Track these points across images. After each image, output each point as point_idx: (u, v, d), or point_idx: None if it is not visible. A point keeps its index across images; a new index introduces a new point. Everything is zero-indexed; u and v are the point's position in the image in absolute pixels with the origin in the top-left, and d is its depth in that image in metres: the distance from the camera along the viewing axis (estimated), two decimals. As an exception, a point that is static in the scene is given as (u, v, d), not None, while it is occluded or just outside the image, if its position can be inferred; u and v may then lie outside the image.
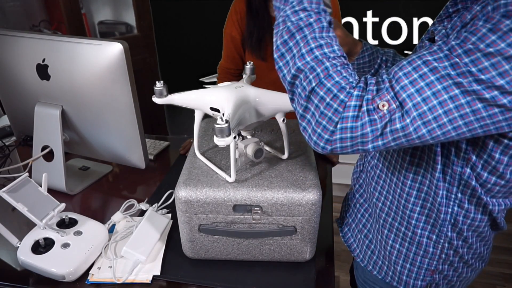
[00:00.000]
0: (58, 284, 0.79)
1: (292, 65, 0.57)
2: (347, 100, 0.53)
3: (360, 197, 0.86)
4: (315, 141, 0.56)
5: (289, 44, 0.58)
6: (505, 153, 0.58)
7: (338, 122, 0.53)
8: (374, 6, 2.24)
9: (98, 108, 0.98)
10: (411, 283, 0.78)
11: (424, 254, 0.75)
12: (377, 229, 0.81)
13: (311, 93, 0.55)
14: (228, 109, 0.73)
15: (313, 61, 0.55)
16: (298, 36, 0.57)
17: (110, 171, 1.21)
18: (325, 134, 0.54)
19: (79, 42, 0.91)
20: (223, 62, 1.43)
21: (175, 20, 2.64)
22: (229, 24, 1.36)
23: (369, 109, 0.52)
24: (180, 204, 0.75)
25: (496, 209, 0.67)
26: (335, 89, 0.53)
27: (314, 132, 0.56)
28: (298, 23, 0.57)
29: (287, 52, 0.58)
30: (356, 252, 0.87)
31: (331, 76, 0.54)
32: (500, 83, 0.47)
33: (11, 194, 0.79)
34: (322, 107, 0.54)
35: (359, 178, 0.87)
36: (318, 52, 0.55)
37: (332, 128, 0.54)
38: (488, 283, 1.91)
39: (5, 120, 1.41)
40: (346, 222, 0.91)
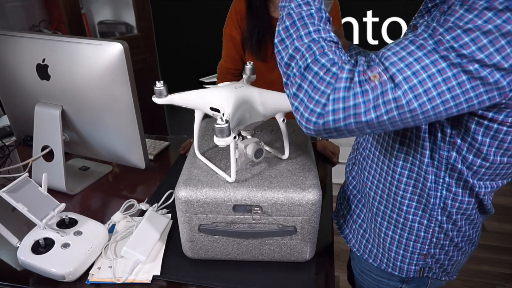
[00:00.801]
0: (58, 284, 0.79)
1: (290, 47, 0.60)
2: (339, 73, 0.55)
3: (353, 188, 0.89)
4: (307, 118, 0.57)
5: (290, 31, 0.61)
6: (487, 134, 0.62)
7: (330, 94, 0.54)
8: (374, 6, 2.24)
9: (98, 108, 0.98)
10: (405, 268, 0.81)
11: (416, 239, 0.77)
12: (370, 218, 0.83)
13: (305, 70, 0.57)
14: (228, 109, 0.73)
15: (310, 42, 0.58)
16: (299, 23, 0.60)
17: (110, 171, 1.21)
18: (317, 108, 0.55)
19: (79, 42, 0.91)
20: (223, 62, 1.43)
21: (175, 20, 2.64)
22: (229, 24, 1.36)
23: (361, 80, 0.53)
24: (180, 204, 0.75)
25: (482, 191, 0.70)
26: (329, 64, 0.56)
27: (306, 109, 0.57)
28: (300, 12, 0.61)
29: (287, 38, 0.61)
30: (352, 242, 0.90)
31: (325, 54, 0.57)
32: (480, 57, 0.50)
33: (11, 194, 0.79)
34: (316, 82, 0.56)
35: (352, 171, 0.90)
36: (316, 35, 0.59)
37: (325, 101, 0.55)
38: (488, 283, 1.91)
39: (5, 120, 1.41)
40: (342, 214, 0.94)
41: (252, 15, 1.30)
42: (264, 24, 1.29)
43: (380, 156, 0.77)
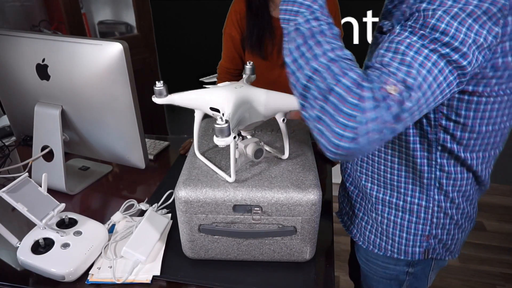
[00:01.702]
0: (58, 284, 0.79)
1: (306, 67, 0.57)
2: (362, 93, 0.52)
3: (350, 185, 0.92)
4: (336, 143, 0.53)
5: (302, 49, 0.58)
6: (469, 108, 0.66)
7: (358, 116, 0.51)
8: (374, 6, 2.24)
9: (98, 108, 0.98)
10: (410, 251, 0.84)
11: (417, 221, 0.81)
12: (370, 208, 0.86)
13: (328, 92, 0.54)
14: (228, 109, 0.73)
15: (329, 61, 0.55)
16: (311, 42, 0.58)
17: (110, 171, 1.21)
18: (346, 132, 0.52)
19: (79, 42, 0.91)
20: (223, 62, 1.43)
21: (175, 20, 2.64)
22: (229, 24, 1.36)
23: (384, 95, 0.52)
24: (180, 204, 0.75)
25: (474, 163, 0.73)
26: (351, 84, 0.53)
27: (332, 133, 0.53)
28: (311, 29, 0.59)
29: (300, 57, 0.58)
30: (357, 236, 0.93)
31: (346, 74, 0.54)
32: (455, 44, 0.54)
33: (11, 194, 0.79)
34: (340, 104, 0.52)
35: (347, 169, 0.93)
36: (332, 54, 0.56)
37: (354, 124, 0.51)
38: (488, 283, 1.91)
39: (5, 120, 1.41)
40: (345, 212, 0.98)
41: (252, 15, 1.30)
42: (264, 23, 1.29)
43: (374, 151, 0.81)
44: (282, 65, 1.32)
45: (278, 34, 1.30)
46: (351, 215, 0.95)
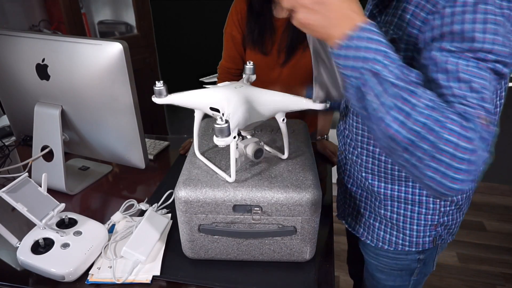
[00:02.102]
0: (57, 284, 0.79)
1: (408, 121, 0.53)
2: (468, 134, 0.51)
3: (352, 186, 0.93)
4: (450, 187, 0.53)
5: (398, 105, 0.54)
6: None
7: (470, 158, 0.51)
8: (374, 6, 2.24)
9: (98, 108, 0.97)
10: (421, 242, 0.87)
11: (426, 212, 0.83)
12: (378, 206, 0.87)
13: (437, 140, 0.52)
14: (228, 109, 0.73)
15: (429, 110, 0.52)
16: (399, 90, 0.53)
17: (110, 171, 1.21)
18: (460, 175, 0.52)
19: (79, 42, 0.91)
20: (224, 62, 1.43)
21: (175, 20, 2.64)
22: (230, 23, 1.36)
23: (483, 129, 0.53)
24: (180, 204, 0.75)
25: None
26: (458, 128, 0.52)
27: (445, 177, 0.52)
28: (398, 76, 0.53)
29: (390, 112, 0.54)
30: (365, 235, 0.94)
31: (448, 117, 0.52)
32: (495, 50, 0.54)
33: (10, 194, 0.79)
34: (452, 150, 0.51)
35: (346, 171, 0.94)
36: (431, 103, 0.53)
37: (467, 167, 0.51)
38: (488, 283, 1.91)
39: (5, 120, 1.41)
40: (347, 212, 0.98)
41: (253, 15, 1.30)
42: (265, 23, 1.29)
43: (375, 150, 0.81)
44: (283, 64, 1.32)
45: (279, 33, 1.30)
46: (355, 215, 0.95)
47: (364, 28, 0.54)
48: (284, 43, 1.29)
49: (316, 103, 0.74)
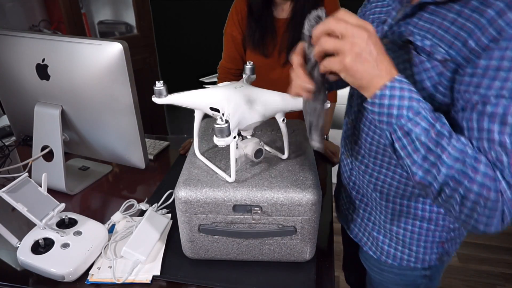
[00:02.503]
0: (57, 284, 0.79)
1: (436, 172, 0.56)
2: (499, 185, 0.54)
3: (357, 193, 0.89)
4: (484, 230, 0.58)
5: (429, 159, 0.56)
6: None
7: (502, 207, 0.55)
8: (374, 6, 2.24)
9: (98, 108, 0.97)
10: (427, 259, 0.83)
11: (435, 229, 0.79)
12: (383, 219, 0.84)
13: (465, 198, 0.55)
14: (228, 109, 0.73)
15: (455, 165, 0.55)
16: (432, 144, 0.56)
17: (110, 171, 1.21)
18: (493, 221, 0.57)
19: (79, 42, 0.91)
20: (224, 62, 1.43)
21: (175, 20, 2.64)
22: (230, 24, 1.36)
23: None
24: (180, 204, 0.75)
25: None
26: (488, 182, 0.54)
27: (479, 223, 0.58)
28: (433, 136, 0.55)
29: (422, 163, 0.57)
30: (367, 245, 0.91)
31: (479, 171, 0.54)
32: None
33: (11, 194, 0.79)
34: (483, 201, 0.55)
35: (351, 176, 0.89)
36: (458, 159, 0.55)
37: (499, 216, 0.56)
38: (488, 283, 1.91)
39: (5, 120, 1.41)
40: (351, 219, 0.95)
41: (254, 15, 1.30)
42: (266, 24, 1.29)
43: (385, 158, 0.77)
44: (283, 64, 1.32)
45: (279, 34, 1.30)
46: (359, 223, 0.92)
47: (400, 81, 0.55)
48: (285, 43, 1.29)
49: None
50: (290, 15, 1.27)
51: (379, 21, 0.75)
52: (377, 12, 0.78)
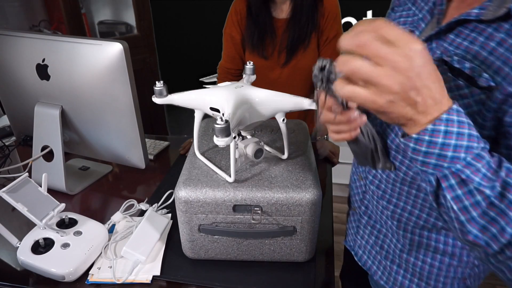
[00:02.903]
0: (58, 284, 0.79)
1: (499, 238, 0.45)
2: None
3: (369, 218, 0.82)
4: None
5: (490, 214, 0.45)
6: None
7: None
8: (374, 6, 2.24)
9: (98, 108, 0.98)
10: None
11: (458, 264, 0.71)
12: (400, 249, 0.76)
13: None
14: (228, 109, 0.73)
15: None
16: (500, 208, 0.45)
17: (110, 171, 1.21)
18: None
19: (79, 42, 0.91)
20: (223, 62, 1.43)
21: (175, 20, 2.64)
22: (229, 24, 1.36)
23: None
24: (180, 204, 0.75)
25: None
26: None
27: None
28: (499, 194, 0.44)
29: (490, 224, 0.45)
30: (378, 274, 0.83)
31: None
32: None
33: (11, 194, 0.79)
34: None
35: (364, 200, 0.82)
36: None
37: None
38: (488, 283, 1.91)
39: (5, 120, 1.41)
40: (359, 245, 0.86)
41: (252, 15, 1.30)
42: (265, 23, 1.29)
43: (404, 187, 0.68)
44: (283, 65, 1.32)
45: (279, 34, 1.30)
46: (369, 250, 0.84)
47: (458, 112, 0.43)
48: (285, 44, 1.29)
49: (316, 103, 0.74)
50: (290, 15, 1.27)
51: None
52: (401, 22, 0.69)
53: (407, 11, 0.69)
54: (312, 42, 1.28)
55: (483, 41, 0.52)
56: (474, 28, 0.54)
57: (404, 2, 0.71)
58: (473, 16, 0.53)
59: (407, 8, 0.69)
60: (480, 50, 0.52)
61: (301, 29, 1.26)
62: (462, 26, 0.55)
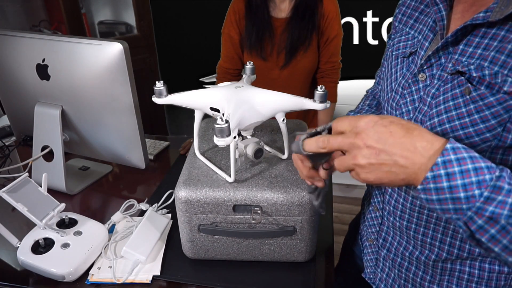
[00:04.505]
0: (58, 284, 0.79)
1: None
2: None
3: (388, 251, 0.77)
4: None
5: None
6: None
7: None
8: (374, 6, 2.24)
9: (98, 108, 0.98)
10: None
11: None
12: (428, 280, 0.71)
13: None
14: (228, 109, 0.73)
15: None
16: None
17: (110, 171, 1.21)
18: None
19: (79, 42, 0.91)
20: (222, 62, 1.43)
21: (175, 20, 2.64)
22: (228, 24, 1.36)
23: None
24: (180, 204, 0.75)
25: None
26: None
27: None
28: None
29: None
30: None
31: None
32: None
33: (11, 194, 0.79)
34: None
35: (381, 232, 0.77)
36: None
37: None
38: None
39: (5, 120, 1.41)
40: (380, 278, 0.81)
41: (251, 14, 1.30)
42: (263, 22, 1.29)
43: (432, 214, 0.64)
44: (283, 66, 1.32)
45: (277, 33, 1.30)
46: (393, 285, 0.78)
47: (454, 149, 0.42)
48: (284, 44, 1.29)
49: (316, 103, 0.74)
50: (290, 14, 1.27)
51: (404, 56, 0.67)
52: (401, 47, 0.68)
53: (405, 35, 0.69)
54: (313, 43, 1.28)
55: (497, 45, 0.51)
56: (484, 34, 0.53)
57: (401, 29, 0.71)
58: (480, 19, 0.51)
59: (405, 33, 0.69)
60: (497, 55, 0.50)
61: (302, 30, 1.25)
62: (470, 35, 0.54)
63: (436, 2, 0.59)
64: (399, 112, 0.66)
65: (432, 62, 0.59)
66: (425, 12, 0.66)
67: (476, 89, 0.52)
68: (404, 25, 0.70)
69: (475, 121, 0.52)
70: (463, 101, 0.54)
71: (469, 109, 0.53)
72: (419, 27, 0.66)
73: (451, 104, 0.55)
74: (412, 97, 0.64)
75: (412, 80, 0.64)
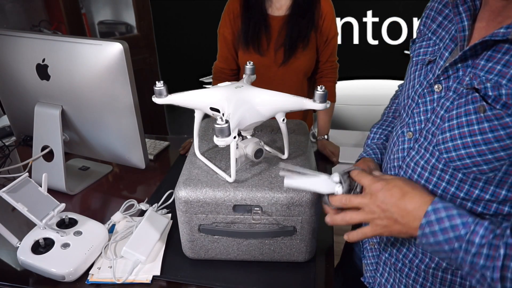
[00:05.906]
0: (58, 284, 0.79)
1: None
2: None
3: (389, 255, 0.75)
4: None
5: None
6: None
7: None
8: (374, 6, 2.24)
9: (98, 108, 0.98)
10: None
11: None
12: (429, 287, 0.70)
13: None
14: (228, 109, 0.73)
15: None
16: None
17: (110, 171, 1.21)
18: None
19: (79, 42, 0.91)
20: (217, 62, 1.43)
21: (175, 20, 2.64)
22: (223, 24, 1.36)
23: None
24: (180, 204, 0.75)
25: None
26: None
27: None
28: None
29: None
30: None
31: None
32: None
33: (11, 194, 0.79)
34: None
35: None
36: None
37: None
38: (488, 283, 1.91)
39: (5, 120, 1.41)
40: (379, 283, 0.79)
41: (247, 11, 1.30)
42: (260, 19, 1.29)
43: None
44: (281, 64, 1.32)
45: (274, 31, 1.30)
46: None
47: (437, 208, 0.52)
48: (281, 41, 1.28)
49: (316, 103, 0.74)
50: (288, 12, 1.27)
51: (423, 63, 0.65)
52: (421, 53, 0.67)
53: (427, 41, 0.67)
54: (311, 42, 1.28)
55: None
56: (507, 50, 0.51)
57: (424, 33, 0.69)
58: (500, 36, 0.50)
59: (427, 38, 0.67)
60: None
61: (301, 27, 1.25)
62: (492, 50, 0.53)
63: (459, 11, 0.58)
64: (412, 120, 0.65)
65: (450, 74, 0.58)
66: (449, 18, 0.64)
67: (491, 108, 0.51)
68: (428, 29, 0.68)
69: (489, 140, 0.52)
70: (475, 118, 0.53)
71: (483, 127, 0.52)
72: (441, 33, 0.64)
73: (464, 120, 0.54)
74: (426, 107, 0.62)
75: (428, 90, 0.62)
